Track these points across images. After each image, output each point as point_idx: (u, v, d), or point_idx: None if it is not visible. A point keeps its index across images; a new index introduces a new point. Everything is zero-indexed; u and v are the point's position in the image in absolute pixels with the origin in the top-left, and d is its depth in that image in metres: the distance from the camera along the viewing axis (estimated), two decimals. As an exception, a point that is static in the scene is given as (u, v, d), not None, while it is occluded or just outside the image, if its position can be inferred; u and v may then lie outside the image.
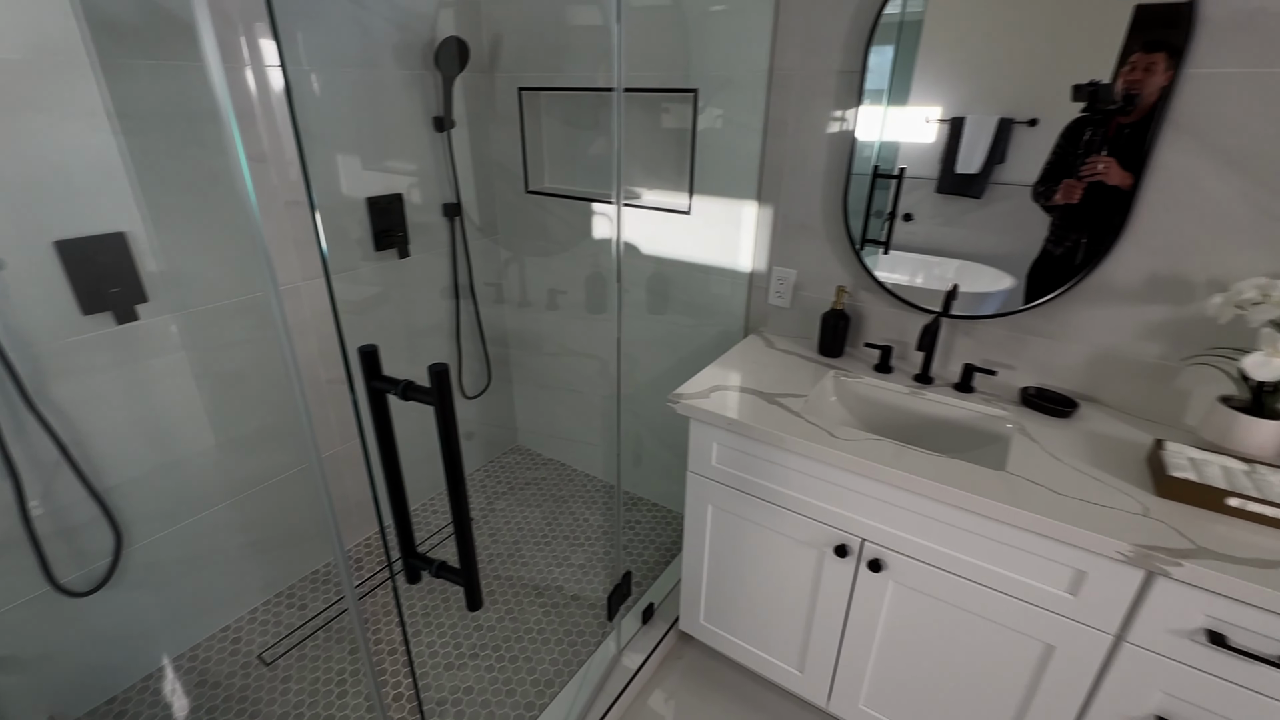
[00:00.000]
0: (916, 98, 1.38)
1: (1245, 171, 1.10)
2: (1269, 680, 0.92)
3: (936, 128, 1.37)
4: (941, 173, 1.40)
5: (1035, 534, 1.03)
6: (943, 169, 1.39)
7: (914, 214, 1.47)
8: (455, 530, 0.78)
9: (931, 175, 1.41)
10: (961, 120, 1.34)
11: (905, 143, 1.43)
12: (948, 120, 1.35)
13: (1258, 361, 1.03)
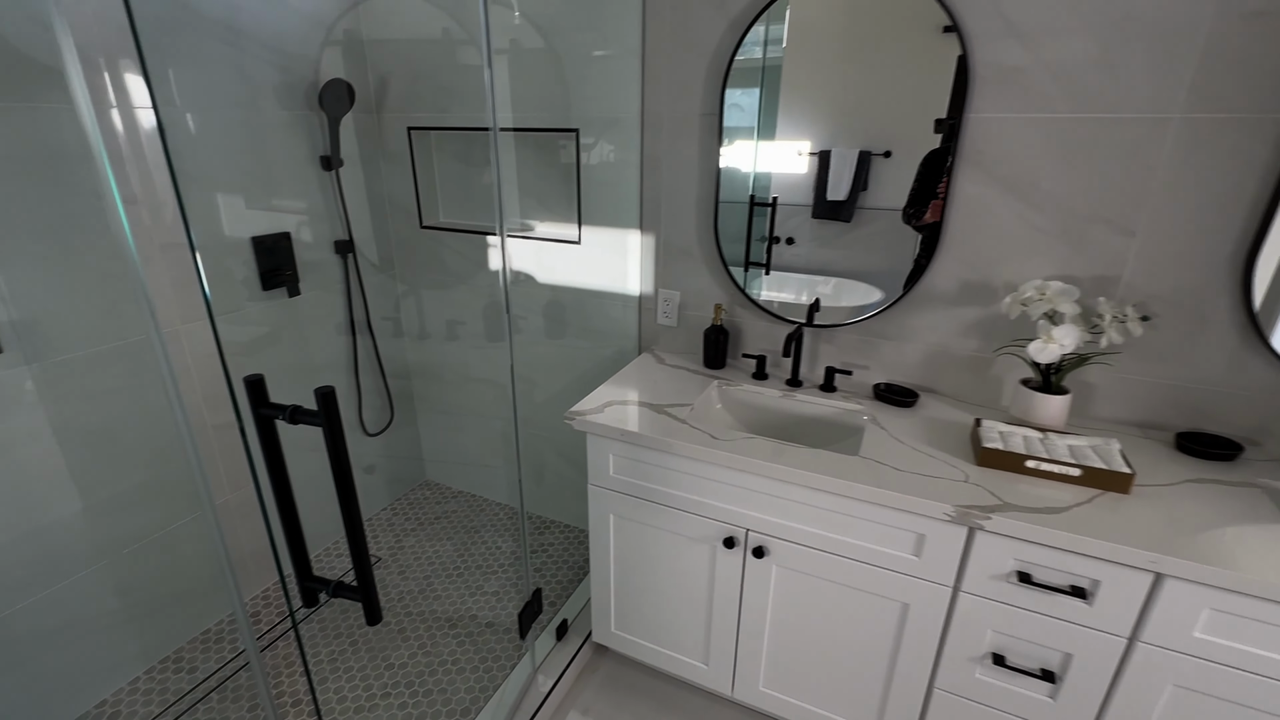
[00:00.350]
0: (784, 133, 1.55)
1: (1019, 196, 1.36)
2: (1066, 607, 1.11)
3: (807, 160, 1.55)
4: (815, 200, 1.57)
5: (883, 506, 1.20)
6: (816, 196, 1.57)
7: (795, 238, 1.64)
8: (350, 545, 0.82)
9: (807, 202, 1.59)
10: (828, 153, 1.52)
11: (780, 173, 1.59)
12: (816, 153, 1.53)
13: (1038, 347, 1.27)
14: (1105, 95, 1.23)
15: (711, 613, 1.50)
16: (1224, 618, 1.00)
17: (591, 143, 1.79)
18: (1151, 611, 1.05)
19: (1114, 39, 1.20)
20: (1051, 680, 1.17)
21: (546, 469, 2.30)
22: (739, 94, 1.58)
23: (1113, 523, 1.08)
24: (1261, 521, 1.08)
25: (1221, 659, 1.02)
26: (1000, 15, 1.26)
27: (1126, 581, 1.05)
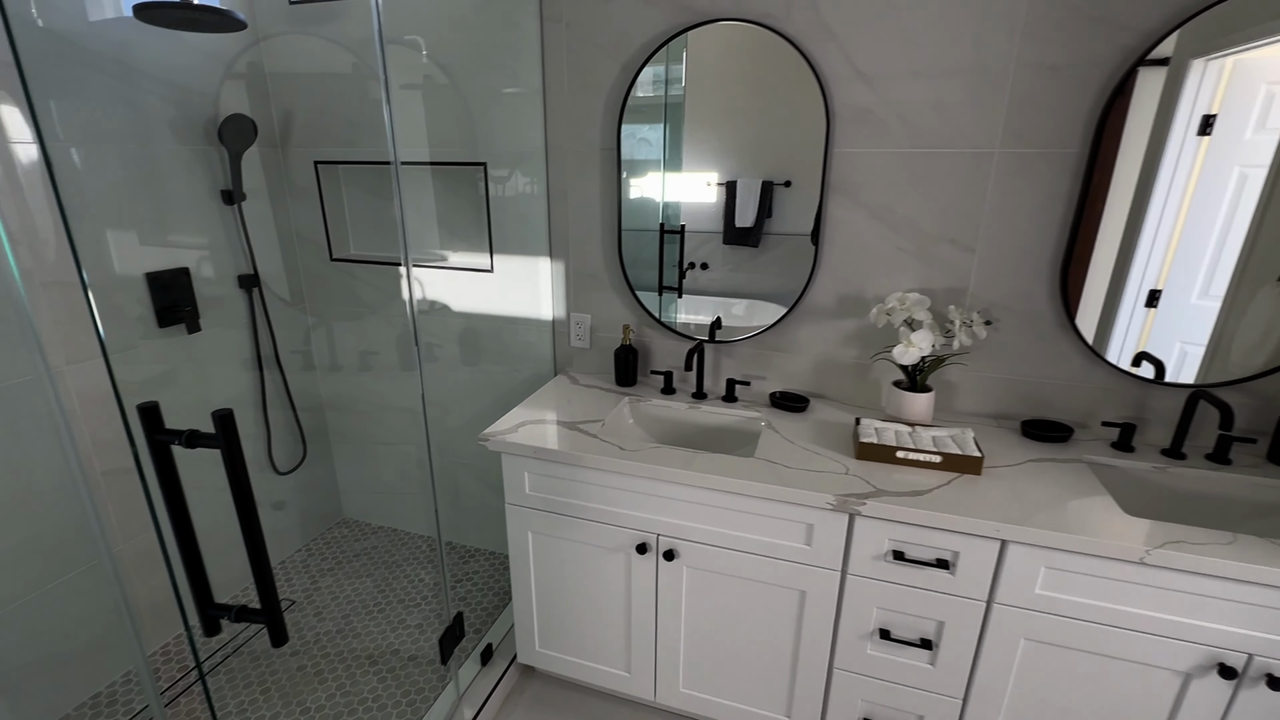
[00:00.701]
0: (691, 165, 1.68)
1: (880, 219, 1.54)
2: (934, 578, 1.25)
3: (716, 189, 1.67)
4: (725, 227, 1.69)
5: (776, 501, 1.31)
6: (725, 224, 1.69)
7: (709, 263, 1.76)
8: (252, 565, 0.83)
9: (718, 229, 1.71)
10: (734, 183, 1.64)
11: (691, 203, 1.70)
12: (724, 183, 1.66)
13: (900, 351, 1.44)
14: (940, 133, 1.44)
15: (630, 620, 1.56)
16: (1056, 574, 1.17)
17: (501, 175, 1.87)
18: (1001, 575, 1.20)
19: (943, 86, 1.41)
20: (930, 648, 1.31)
21: (469, 496, 2.30)
22: (645, 129, 1.70)
23: (967, 500, 1.23)
24: (1084, 490, 1.27)
25: (1059, 610, 1.19)
26: (850, 63, 1.46)
27: (979, 550, 1.20)
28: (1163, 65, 1.29)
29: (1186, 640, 1.13)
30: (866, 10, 1.41)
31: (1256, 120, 1.27)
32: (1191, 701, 1.16)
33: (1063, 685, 1.24)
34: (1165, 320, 1.43)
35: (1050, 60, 1.33)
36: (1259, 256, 1.34)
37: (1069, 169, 1.39)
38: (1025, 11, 1.32)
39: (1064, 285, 1.45)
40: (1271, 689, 1.09)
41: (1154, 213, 1.38)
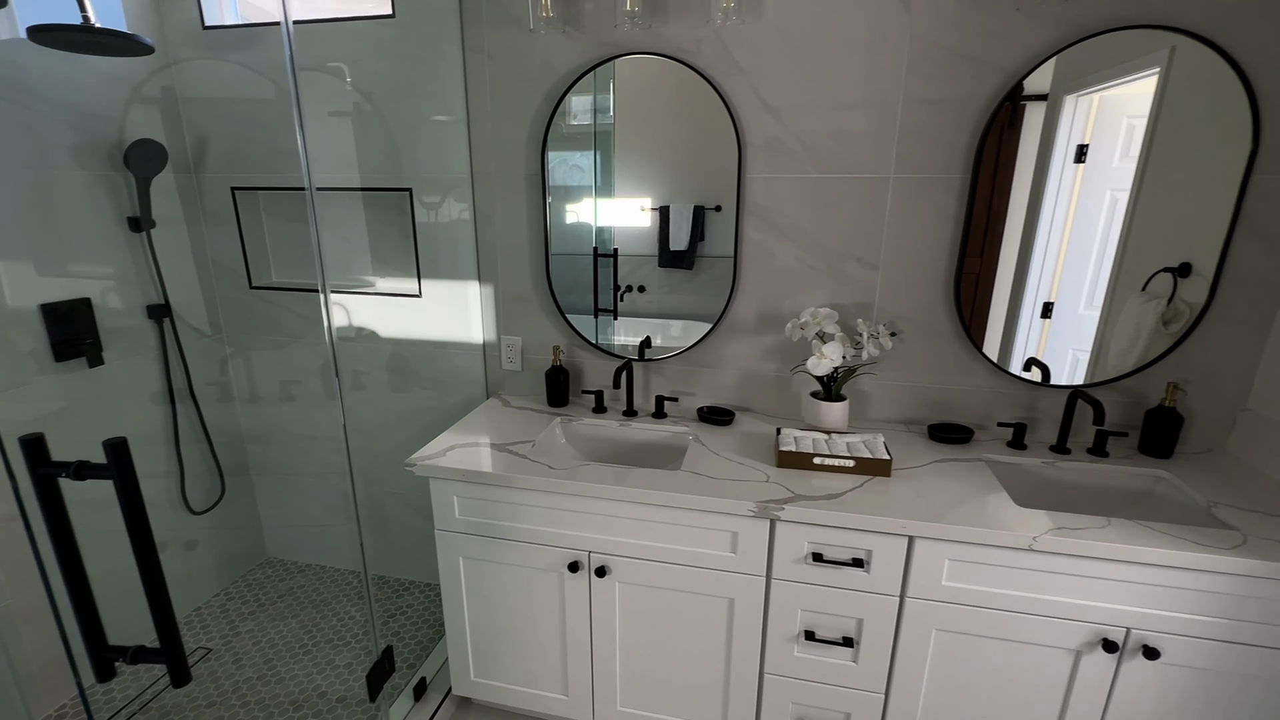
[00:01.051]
0: (623, 191, 1.73)
1: (792, 240, 1.64)
2: (851, 577, 1.32)
3: (650, 214, 1.73)
4: (660, 250, 1.75)
5: (701, 511, 1.35)
6: (660, 247, 1.74)
7: (646, 285, 1.81)
8: (150, 601, 0.80)
9: (653, 253, 1.76)
10: (667, 208, 1.71)
11: (627, 227, 1.74)
12: (657, 208, 1.72)
13: (814, 363, 1.52)
14: (841, 160, 1.55)
15: (566, 642, 1.55)
16: (959, 565, 1.25)
17: (428, 201, 1.88)
18: (911, 570, 1.28)
19: (841, 117, 1.53)
20: (852, 645, 1.36)
21: (402, 527, 2.24)
22: (577, 156, 1.75)
23: (878, 501, 1.31)
24: (982, 486, 1.37)
25: (964, 600, 1.27)
26: (758, 96, 1.56)
27: (890, 548, 1.28)
28: (1042, 100, 1.44)
29: (1074, 619, 1.22)
30: (769, 48, 1.52)
31: (1121, 149, 1.44)
32: (1083, 676, 1.25)
33: (972, 671, 1.32)
34: (1059, 329, 1.57)
35: (932, 95, 1.47)
36: (1127, 270, 1.50)
37: (955, 192, 1.52)
38: (909, 50, 1.45)
39: (957, 298, 1.58)
40: (1148, 658, 1.20)
41: (1043, 232, 1.52)
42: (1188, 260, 1.47)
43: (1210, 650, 1.18)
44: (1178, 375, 1.51)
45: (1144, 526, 1.21)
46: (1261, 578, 1.11)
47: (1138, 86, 1.39)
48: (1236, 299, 1.45)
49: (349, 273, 2.04)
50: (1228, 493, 1.33)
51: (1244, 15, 1.29)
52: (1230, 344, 1.47)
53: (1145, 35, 1.35)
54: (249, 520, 2.35)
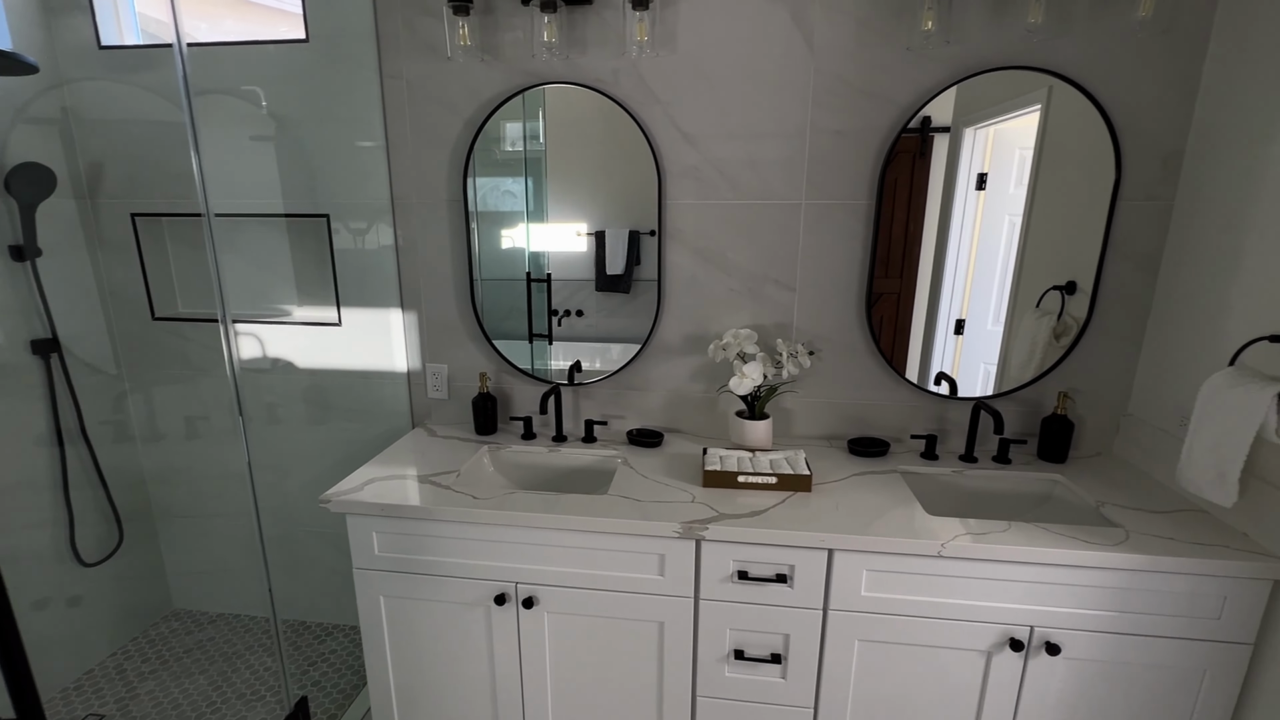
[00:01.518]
0: (557, 216, 1.73)
1: (714, 264, 1.69)
2: (776, 593, 1.33)
3: (586, 239, 1.73)
4: (597, 275, 1.75)
5: (627, 534, 1.34)
6: (597, 271, 1.75)
7: (584, 310, 1.80)
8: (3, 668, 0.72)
9: (590, 277, 1.76)
10: (603, 233, 1.72)
11: (563, 252, 1.74)
12: (593, 233, 1.72)
13: (736, 382, 1.56)
14: (756, 187, 1.62)
15: (495, 678, 1.50)
16: (876, 575, 1.29)
17: (347, 227, 1.83)
18: (832, 583, 1.31)
19: (754, 146, 1.59)
20: (780, 662, 1.38)
21: (322, 568, 2.12)
22: (509, 182, 1.75)
23: (799, 516, 1.34)
24: (896, 497, 1.42)
25: (883, 609, 1.30)
26: (675, 125, 1.61)
27: (812, 562, 1.30)
28: (946, 132, 1.55)
29: (983, 621, 1.28)
30: (684, 80, 1.58)
31: (1015, 178, 1.56)
32: (995, 676, 1.31)
33: (895, 678, 1.35)
34: (970, 344, 1.67)
35: (837, 126, 1.56)
36: (1024, 288, 1.61)
37: (862, 217, 1.60)
38: (813, 85, 1.54)
39: (869, 317, 1.66)
40: (1050, 655, 1.26)
41: (952, 254, 1.62)
42: (1073, 279, 1.60)
43: (1104, 643, 1.25)
44: (1067, 385, 1.63)
45: (1040, 528, 1.28)
46: (1142, 571, 1.20)
47: (1025, 121, 1.52)
48: (1112, 314, 1.58)
49: (264, 301, 1.95)
50: (1114, 493, 1.44)
51: (1099, 60, 1.43)
52: (1109, 355, 1.60)
53: (1027, 75, 1.48)
54: (151, 570, 2.18)
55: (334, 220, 1.82)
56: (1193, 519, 1.31)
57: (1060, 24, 1.42)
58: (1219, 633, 1.22)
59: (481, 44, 1.61)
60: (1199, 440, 1.24)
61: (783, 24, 1.51)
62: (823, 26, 1.50)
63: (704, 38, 1.55)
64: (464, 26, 1.55)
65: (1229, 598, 1.20)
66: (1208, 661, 1.24)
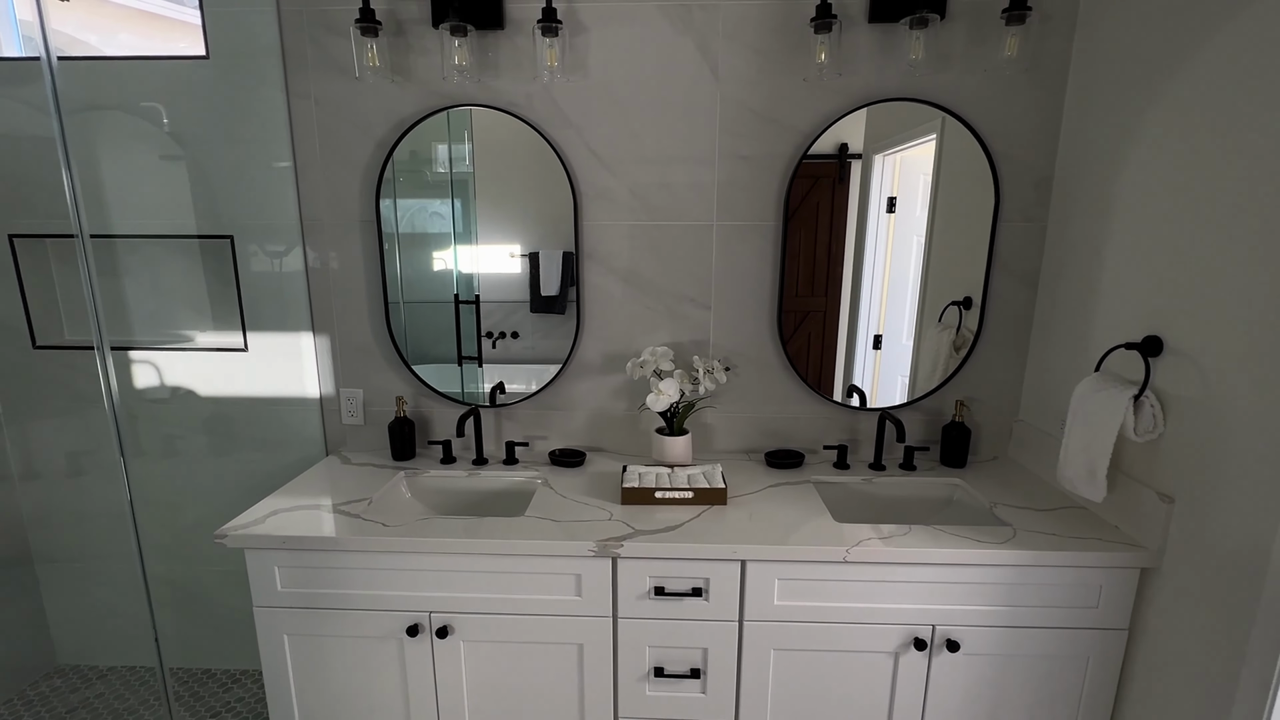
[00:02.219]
0: (488, 238, 1.71)
1: (631, 283, 1.71)
2: (693, 607, 1.34)
3: (520, 260, 1.72)
4: (531, 296, 1.74)
5: (542, 556, 1.33)
6: (532, 293, 1.74)
7: (519, 332, 1.78)
8: None
9: (525, 299, 1.75)
10: (537, 254, 1.71)
11: (497, 273, 1.73)
12: (527, 255, 1.72)
13: (653, 399, 1.58)
14: (669, 208, 1.66)
15: (409, 716, 1.44)
16: (788, 583, 1.32)
17: (256, 249, 1.75)
18: (746, 593, 1.33)
19: (666, 169, 1.64)
20: (699, 676, 1.38)
21: (228, 611, 1.98)
22: (436, 203, 1.72)
23: (714, 529, 1.36)
24: (808, 507, 1.47)
25: (796, 617, 1.33)
26: (589, 148, 1.64)
27: (726, 574, 1.32)
28: (858, 158, 1.64)
29: (890, 623, 1.33)
30: (597, 105, 1.61)
31: (920, 201, 1.66)
32: (903, 675, 1.35)
33: (811, 685, 1.38)
34: (887, 358, 1.75)
35: (743, 152, 1.62)
36: (928, 304, 1.71)
37: (771, 238, 1.67)
38: (720, 112, 1.60)
39: (781, 333, 1.72)
40: (951, 651, 1.32)
41: (868, 273, 1.71)
42: (969, 295, 1.71)
43: (998, 636, 1.32)
44: (965, 394, 1.73)
45: (937, 530, 1.35)
46: (1028, 566, 1.28)
47: (924, 149, 1.63)
48: (1000, 326, 1.70)
49: (162, 327, 1.84)
50: (1006, 493, 1.53)
51: (976, 94, 1.56)
52: (1000, 365, 1.72)
53: (925, 108, 1.58)
54: (31, 622, 1.98)
55: (240, 242, 1.75)
56: (1072, 515, 1.41)
57: (939, 61, 1.54)
58: (1098, 620, 1.31)
59: (392, 65, 1.60)
60: (1072, 441, 1.34)
61: (689, 54, 1.58)
62: (726, 57, 1.57)
63: (615, 65, 1.59)
64: (373, 47, 1.54)
65: (1104, 587, 1.29)
66: (1090, 648, 1.32)
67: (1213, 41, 1.14)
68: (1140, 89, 1.31)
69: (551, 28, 1.49)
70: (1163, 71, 1.25)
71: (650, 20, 1.56)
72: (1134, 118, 1.33)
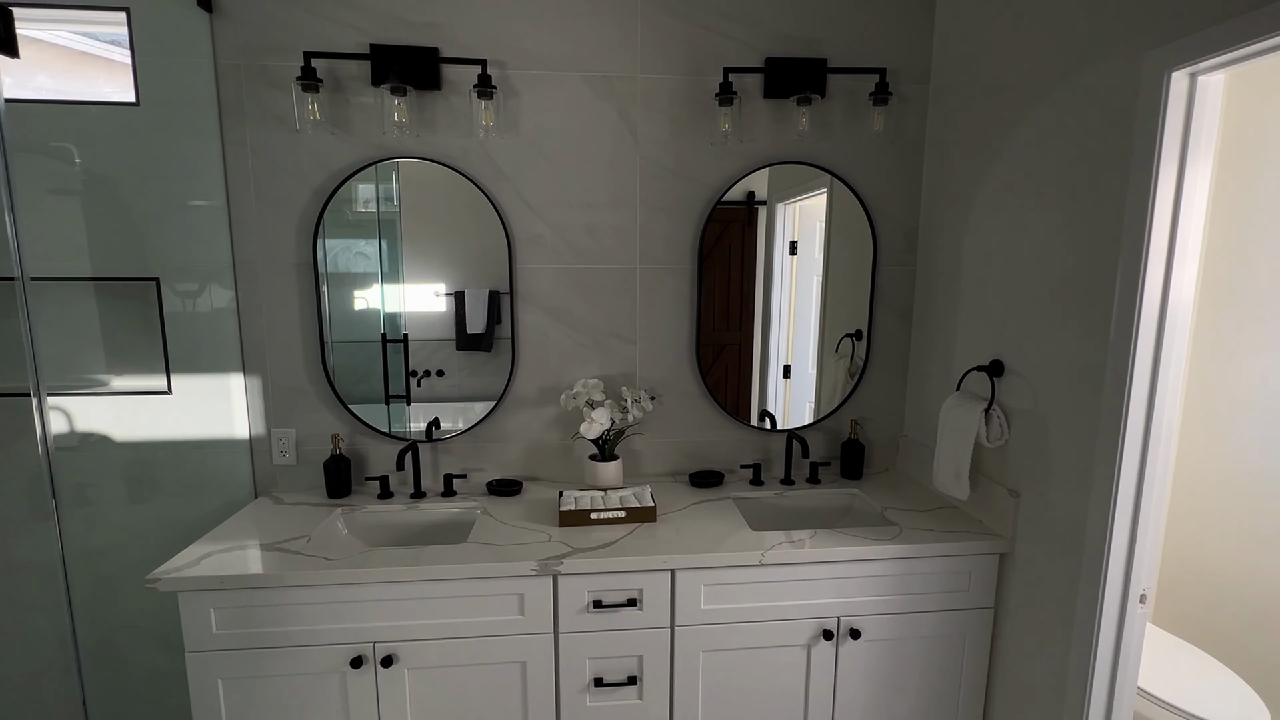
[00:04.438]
0: (414, 278, 1.78)
1: (563, 321, 1.85)
2: (629, 617, 1.46)
3: (445, 299, 1.79)
4: (457, 334, 1.81)
5: (484, 578, 1.41)
6: (458, 331, 1.81)
7: (445, 370, 1.84)
8: None
9: (451, 337, 1.82)
10: (463, 293, 1.79)
11: (422, 312, 1.79)
12: (453, 294, 1.80)
13: (585, 427, 1.71)
14: (595, 253, 1.83)
15: (352, 749, 1.45)
16: (713, 589, 1.47)
17: (184, 291, 1.75)
18: (677, 600, 1.46)
19: (593, 217, 1.81)
20: (636, 683, 1.49)
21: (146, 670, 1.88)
22: (362, 243, 1.78)
23: (646, 544, 1.49)
24: (728, 520, 1.63)
25: (721, 619, 1.48)
26: (521, 199, 1.79)
27: (658, 584, 1.46)
28: (763, 204, 1.87)
29: (802, 618, 1.50)
30: (528, 159, 1.77)
31: (818, 245, 1.91)
32: (816, 664, 1.53)
33: (736, 681, 1.52)
34: (796, 386, 1.97)
35: (660, 203, 1.83)
36: (827, 336, 1.95)
37: (688, 279, 1.87)
38: (639, 167, 1.80)
39: (699, 364, 1.91)
40: (854, 639, 1.51)
41: (776, 309, 1.93)
42: (859, 328, 1.97)
43: (892, 623, 1.53)
44: (858, 414, 1.98)
45: (838, 532, 1.55)
46: (912, 558, 1.50)
47: (818, 200, 1.89)
48: (884, 354, 1.97)
49: (72, 372, 1.78)
50: (895, 499, 1.77)
51: (853, 159, 1.85)
52: (886, 387, 1.98)
53: (814, 169, 1.85)
54: (-100, 701, 1.79)
55: (165, 284, 1.74)
56: (946, 513, 1.66)
57: (823, 130, 1.82)
58: (970, 601, 1.54)
59: (332, 118, 1.69)
60: (941, 450, 1.60)
61: (611, 118, 1.77)
62: (644, 122, 1.78)
63: (544, 124, 1.76)
64: (313, 103, 1.62)
65: (972, 572, 1.53)
66: (966, 626, 1.56)
67: (1015, 132, 1.46)
68: (976, 160, 1.63)
69: (486, 91, 1.64)
70: (992, 146, 1.57)
71: (576, 88, 1.75)
72: (972, 184, 1.64)
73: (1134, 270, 1.16)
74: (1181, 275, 1.16)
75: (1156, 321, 1.17)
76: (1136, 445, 1.20)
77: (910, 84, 1.83)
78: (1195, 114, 1.11)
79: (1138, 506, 1.22)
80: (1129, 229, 1.17)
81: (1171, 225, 1.14)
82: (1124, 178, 1.19)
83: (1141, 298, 1.16)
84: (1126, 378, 1.19)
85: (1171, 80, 1.09)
